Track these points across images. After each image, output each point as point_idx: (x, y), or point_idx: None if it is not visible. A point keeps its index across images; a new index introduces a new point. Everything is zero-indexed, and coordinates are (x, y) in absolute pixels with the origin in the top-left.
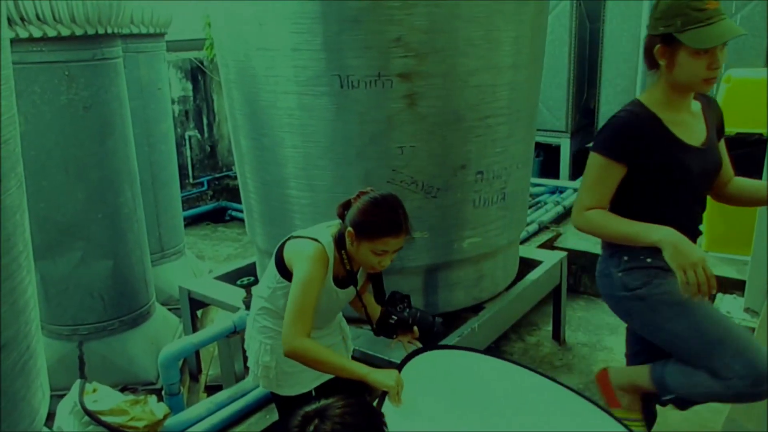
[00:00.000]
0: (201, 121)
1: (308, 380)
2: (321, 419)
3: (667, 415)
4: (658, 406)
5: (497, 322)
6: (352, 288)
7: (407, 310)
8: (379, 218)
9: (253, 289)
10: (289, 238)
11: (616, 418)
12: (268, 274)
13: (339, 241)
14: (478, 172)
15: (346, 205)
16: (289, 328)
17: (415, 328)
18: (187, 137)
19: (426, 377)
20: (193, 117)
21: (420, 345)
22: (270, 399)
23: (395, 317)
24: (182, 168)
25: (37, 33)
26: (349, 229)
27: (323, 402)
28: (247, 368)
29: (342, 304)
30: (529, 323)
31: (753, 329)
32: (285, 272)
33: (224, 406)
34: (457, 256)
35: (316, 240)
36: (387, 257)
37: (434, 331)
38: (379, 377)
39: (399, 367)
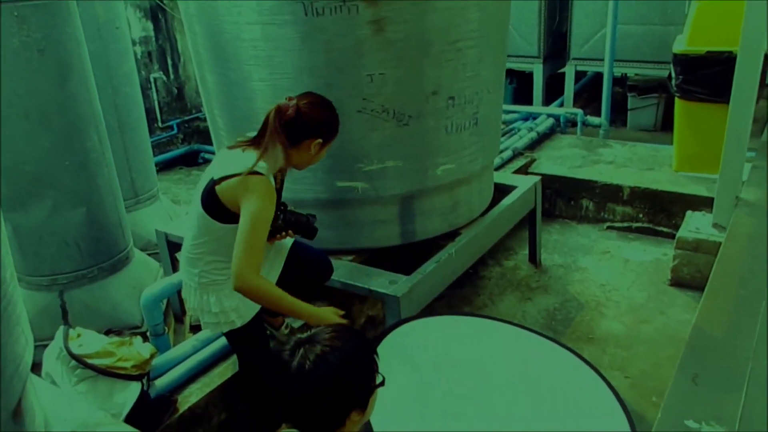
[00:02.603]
0: (165, 62)
1: (252, 306)
2: (311, 343)
3: (639, 328)
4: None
5: (474, 247)
6: None
7: (280, 216)
8: (335, 115)
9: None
10: (213, 181)
11: (587, 362)
12: (198, 230)
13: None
14: (449, 98)
15: (285, 125)
16: (243, 262)
17: (290, 231)
18: (152, 80)
19: (407, 346)
20: (156, 58)
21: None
22: None
23: None
24: (150, 112)
25: None
26: (318, 140)
27: (314, 330)
28: None
29: None
30: (505, 248)
31: (720, 243)
32: (220, 215)
33: (210, 343)
34: (432, 183)
35: (258, 173)
36: None
37: (311, 228)
38: (323, 314)
39: (379, 338)
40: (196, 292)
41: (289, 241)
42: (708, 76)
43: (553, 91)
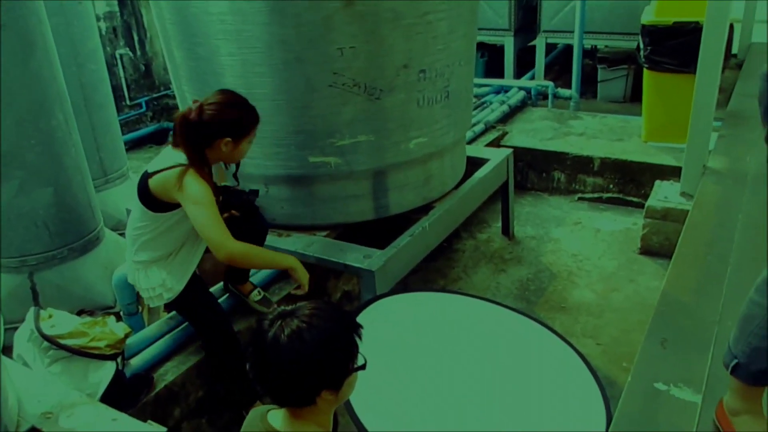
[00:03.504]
0: (131, 38)
1: (189, 267)
2: (290, 317)
3: (610, 297)
4: None
5: (447, 220)
6: None
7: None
8: (245, 112)
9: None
10: (147, 175)
11: (557, 333)
12: (138, 214)
13: (201, 162)
14: (420, 71)
15: (190, 128)
16: (215, 237)
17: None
18: (118, 56)
19: (379, 324)
20: (122, 34)
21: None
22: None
23: None
24: (117, 89)
25: None
26: (227, 139)
27: (298, 304)
28: None
29: None
30: (479, 221)
31: (687, 211)
32: (155, 206)
33: (184, 322)
34: (404, 157)
35: (184, 165)
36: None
37: (251, 206)
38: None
39: (357, 311)
40: (131, 267)
41: None
42: (675, 47)
43: (525, 64)
